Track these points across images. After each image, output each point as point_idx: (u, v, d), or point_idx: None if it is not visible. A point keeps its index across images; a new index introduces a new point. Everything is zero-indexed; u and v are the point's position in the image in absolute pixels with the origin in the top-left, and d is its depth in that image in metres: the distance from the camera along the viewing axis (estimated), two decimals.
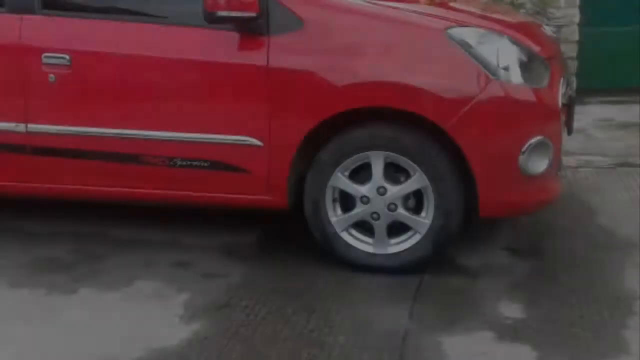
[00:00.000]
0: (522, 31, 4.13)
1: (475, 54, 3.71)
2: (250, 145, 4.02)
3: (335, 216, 4.03)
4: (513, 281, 3.85)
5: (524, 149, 3.72)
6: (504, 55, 3.75)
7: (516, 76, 3.75)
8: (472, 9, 4.53)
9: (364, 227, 4.03)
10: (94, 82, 4.27)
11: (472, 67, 3.71)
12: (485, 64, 3.70)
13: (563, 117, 4.04)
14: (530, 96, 3.77)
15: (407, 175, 3.86)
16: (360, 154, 3.89)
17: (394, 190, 3.87)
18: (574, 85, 4.35)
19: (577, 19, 7.70)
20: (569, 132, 4.42)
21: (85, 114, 4.30)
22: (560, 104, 3.93)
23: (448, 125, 3.69)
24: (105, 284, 4.06)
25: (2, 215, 5.29)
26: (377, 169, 3.87)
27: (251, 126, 4.02)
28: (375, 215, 3.93)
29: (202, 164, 4.14)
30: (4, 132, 4.41)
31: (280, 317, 3.55)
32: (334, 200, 4.03)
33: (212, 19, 3.83)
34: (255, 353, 3.24)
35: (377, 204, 3.89)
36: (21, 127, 4.37)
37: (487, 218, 4.00)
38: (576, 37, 7.72)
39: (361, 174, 3.95)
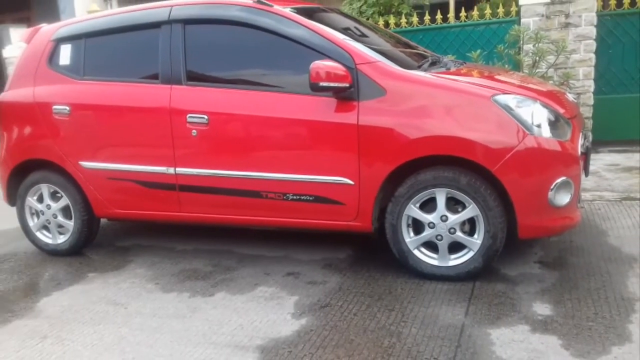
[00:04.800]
0: (551, 97, 4.17)
1: (515, 114, 3.82)
2: (345, 184, 4.18)
3: (409, 237, 4.18)
4: (543, 287, 3.93)
5: (552, 186, 3.84)
6: (537, 116, 3.85)
7: (546, 132, 3.84)
8: (512, 80, 4.53)
9: (431, 245, 4.17)
10: (226, 136, 4.46)
11: (512, 124, 3.80)
12: (522, 123, 3.81)
13: (582, 163, 4.08)
14: (557, 147, 3.85)
15: (463, 207, 4.00)
16: (428, 190, 4.02)
17: (454, 218, 4.02)
18: (590, 138, 4.55)
19: (592, 88, 7.76)
20: (586, 174, 4.43)
21: (220, 160, 4.49)
22: (579, 152, 4.00)
23: (494, 168, 3.82)
24: (234, 289, 4.30)
25: (158, 237, 5.62)
26: (441, 202, 4.03)
27: (345, 169, 4.15)
28: (439, 237, 4.09)
29: (308, 198, 4.31)
30: (159, 174, 4.69)
31: (367, 314, 3.72)
32: (407, 226, 4.18)
33: (316, 88, 4.03)
34: (349, 341, 3.40)
35: (441, 228, 4.05)
36: (171, 171, 4.64)
37: (524, 239, 4.07)
38: (591, 102, 7.79)
39: (428, 205, 4.09)
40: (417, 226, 4.21)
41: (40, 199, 5.37)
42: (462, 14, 8.53)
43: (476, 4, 9.32)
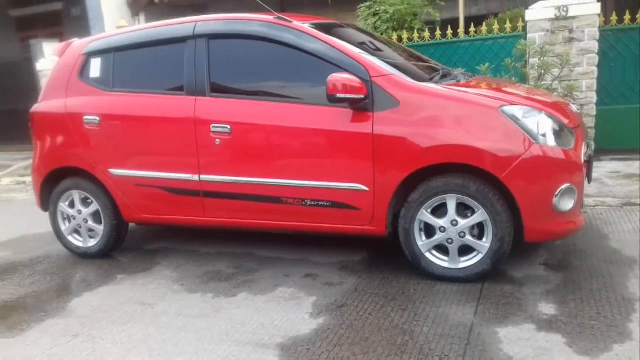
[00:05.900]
0: (555, 108, 4.17)
1: (521, 124, 3.84)
2: (360, 190, 4.21)
3: (421, 241, 4.22)
4: (548, 288, 3.96)
5: (556, 192, 3.87)
6: (542, 125, 3.88)
7: (551, 141, 3.87)
8: (519, 92, 4.53)
9: (441, 248, 4.21)
10: (248, 145, 4.50)
11: (519, 134, 3.83)
12: (528, 132, 3.83)
13: (585, 170, 4.09)
14: (561, 155, 3.88)
15: (473, 212, 4.05)
16: (439, 196, 4.07)
17: (463, 223, 4.07)
18: (592, 147, 4.56)
19: (594, 100, 7.81)
20: (589, 180, 4.42)
21: (242, 168, 4.53)
22: (582, 160, 4.02)
23: (502, 176, 3.85)
24: (256, 289, 4.33)
25: (183, 241, 5.65)
26: (451, 207, 4.07)
27: (361, 177, 4.18)
28: (449, 240, 4.13)
29: (325, 203, 4.34)
30: (184, 181, 4.73)
31: (382, 314, 3.75)
32: (420, 230, 4.22)
33: (333, 100, 4.06)
34: (364, 339, 3.43)
35: (451, 232, 4.10)
36: (196, 178, 4.69)
37: (530, 242, 4.10)
38: (594, 112, 7.85)
39: (439, 210, 4.14)
40: (429, 230, 4.25)
41: (72, 205, 5.44)
42: (472, 29, 8.57)
43: (485, 19, 9.34)
